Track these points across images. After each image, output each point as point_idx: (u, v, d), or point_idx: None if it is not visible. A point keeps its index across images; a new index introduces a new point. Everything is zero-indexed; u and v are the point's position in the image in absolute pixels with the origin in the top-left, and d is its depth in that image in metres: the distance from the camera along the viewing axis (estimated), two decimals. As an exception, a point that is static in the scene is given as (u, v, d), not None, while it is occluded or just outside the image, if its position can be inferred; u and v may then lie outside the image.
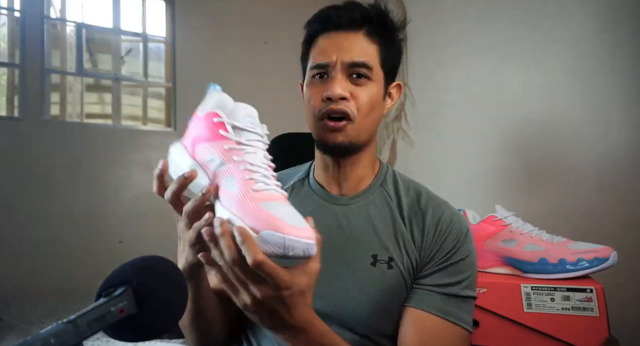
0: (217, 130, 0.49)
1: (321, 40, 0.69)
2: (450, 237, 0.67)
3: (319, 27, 0.69)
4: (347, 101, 0.65)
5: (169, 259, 0.41)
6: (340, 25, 0.67)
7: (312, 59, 0.69)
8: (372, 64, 0.67)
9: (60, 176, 2.63)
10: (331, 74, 0.66)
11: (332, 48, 0.67)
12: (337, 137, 0.66)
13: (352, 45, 0.67)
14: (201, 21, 3.05)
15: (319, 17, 0.70)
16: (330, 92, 0.64)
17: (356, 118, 0.66)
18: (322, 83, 0.67)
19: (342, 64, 0.66)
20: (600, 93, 1.30)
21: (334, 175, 0.73)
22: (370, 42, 0.68)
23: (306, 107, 0.70)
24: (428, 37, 2.16)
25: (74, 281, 2.53)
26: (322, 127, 0.67)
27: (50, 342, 0.29)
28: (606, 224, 1.24)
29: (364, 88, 0.67)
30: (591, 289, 0.75)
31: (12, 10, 2.71)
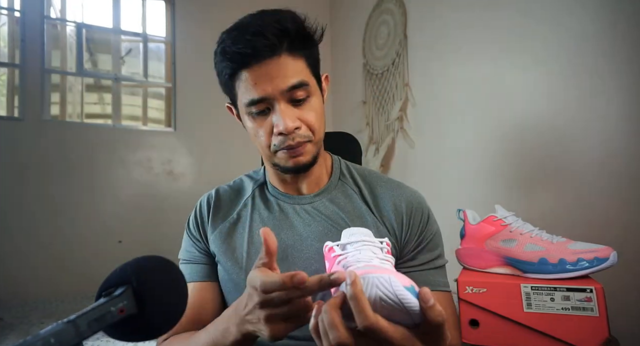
0: (330, 255, 0.55)
1: (246, 74, 0.63)
2: (417, 215, 0.72)
3: (237, 66, 0.63)
4: (299, 129, 0.64)
5: (169, 259, 0.41)
6: (260, 57, 0.61)
7: (244, 94, 0.64)
8: (307, 79, 0.65)
9: (60, 176, 2.63)
10: (274, 106, 0.63)
11: (263, 80, 0.62)
12: (299, 160, 0.67)
13: (282, 70, 0.62)
14: (201, 21, 3.05)
15: (232, 56, 0.63)
16: (283, 127, 0.62)
17: (313, 137, 0.67)
18: (266, 116, 0.65)
19: (281, 93, 0.62)
20: (600, 93, 1.30)
21: (291, 181, 0.74)
22: (296, 59, 0.64)
23: (255, 140, 0.68)
24: (428, 37, 2.16)
25: (74, 282, 2.53)
26: (282, 155, 0.66)
27: (50, 342, 0.29)
28: (606, 224, 1.24)
29: (308, 107, 0.65)
30: (591, 289, 0.75)
31: (12, 10, 2.71)
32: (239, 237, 0.73)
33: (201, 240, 0.75)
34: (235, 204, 0.77)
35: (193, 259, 0.75)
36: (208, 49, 3.03)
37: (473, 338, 0.80)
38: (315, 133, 0.67)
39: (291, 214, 0.73)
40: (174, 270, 0.40)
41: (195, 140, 3.01)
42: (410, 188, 0.77)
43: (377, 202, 0.73)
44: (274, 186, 0.76)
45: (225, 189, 0.80)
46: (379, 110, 2.55)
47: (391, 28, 2.47)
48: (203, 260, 0.74)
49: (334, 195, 0.74)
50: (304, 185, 0.74)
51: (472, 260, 0.87)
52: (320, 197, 0.74)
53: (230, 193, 0.79)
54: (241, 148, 2.71)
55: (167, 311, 0.38)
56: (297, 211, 0.73)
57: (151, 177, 2.87)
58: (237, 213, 0.75)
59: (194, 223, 0.77)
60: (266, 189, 0.77)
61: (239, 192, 0.79)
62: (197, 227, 0.76)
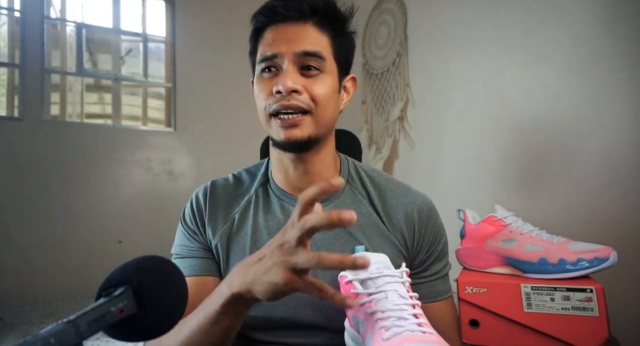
0: (349, 290, 0.49)
1: (268, 32, 0.64)
2: (429, 225, 0.70)
3: (266, 20, 0.64)
4: (299, 94, 0.61)
5: (169, 259, 0.41)
6: (288, 17, 0.63)
7: (261, 51, 0.64)
8: (325, 54, 0.63)
9: (60, 176, 2.63)
10: (281, 66, 0.62)
11: (281, 39, 0.62)
12: (294, 132, 0.61)
13: (302, 36, 0.63)
14: (201, 21, 3.05)
15: (264, 10, 0.65)
16: (281, 85, 0.60)
17: (314, 110, 0.62)
18: (272, 77, 0.63)
19: (293, 55, 0.61)
20: (600, 93, 1.30)
21: (295, 177, 0.69)
22: (320, 33, 0.64)
23: (257, 103, 0.66)
24: (429, 37, 2.16)
25: (74, 281, 2.53)
26: (275, 124, 0.62)
27: (50, 342, 0.29)
28: (606, 224, 1.24)
29: (316, 79, 0.63)
30: (591, 289, 0.75)
31: (12, 10, 2.71)
32: (240, 242, 0.69)
33: (199, 233, 0.71)
34: (236, 202, 0.72)
35: (190, 253, 0.70)
36: (208, 49, 3.02)
37: (473, 338, 0.80)
38: (318, 107, 0.62)
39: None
40: (174, 270, 0.40)
41: (195, 140, 3.01)
42: (420, 193, 0.73)
43: (387, 209, 0.70)
44: (278, 185, 0.72)
45: (223, 183, 0.75)
46: (379, 110, 2.55)
47: (391, 28, 2.47)
48: (201, 253, 0.70)
49: (342, 201, 0.70)
50: (309, 184, 0.69)
51: (472, 260, 0.87)
52: (327, 202, 0.70)
53: (229, 188, 0.74)
54: (241, 148, 2.71)
55: (167, 311, 0.38)
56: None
57: (151, 177, 2.87)
58: (239, 214, 0.71)
59: (190, 216, 0.72)
60: (270, 188, 0.72)
61: (238, 189, 0.74)
62: (194, 220, 0.71)
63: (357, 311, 0.48)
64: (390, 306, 0.46)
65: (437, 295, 0.69)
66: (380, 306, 0.46)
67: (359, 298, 0.48)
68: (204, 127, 3.02)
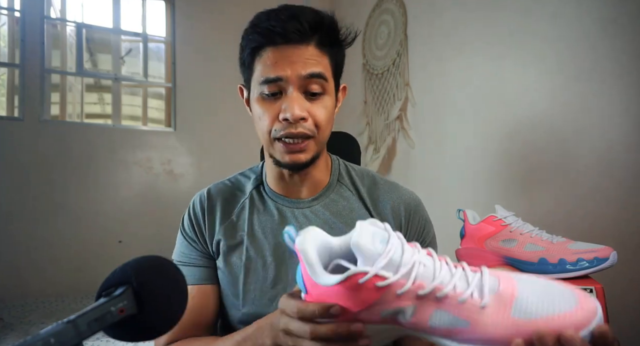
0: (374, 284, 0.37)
1: (269, 52, 0.62)
2: (415, 218, 0.72)
3: (264, 41, 0.62)
4: (305, 121, 0.62)
5: (169, 259, 0.41)
6: (289, 40, 0.61)
7: (261, 71, 0.63)
8: (327, 75, 0.64)
9: (60, 176, 2.63)
10: (286, 90, 0.62)
11: (284, 62, 0.61)
12: (299, 157, 0.64)
13: (306, 58, 0.62)
14: (201, 21, 3.05)
15: (262, 30, 0.62)
16: (289, 113, 0.60)
17: (316, 135, 0.64)
18: (275, 100, 0.63)
19: (298, 78, 0.61)
20: (600, 94, 1.30)
21: (290, 183, 0.72)
22: (321, 53, 0.64)
23: (257, 123, 0.66)
24: (429, 37, 2.16)
25: (74, 282, 2.53)
26: (280, 147, 0.64)
27: (50, 342, 0.29)
28: (606, 224, 1.24)
29: (319, 103, 0.64)
30: (591, 289, 0.75)
31: (12, 10, 2.71)
32: (237, 240, 0.71)
33: (198, 241, 0.72)
34: (232, 205, 0.74)
35: (189, 261, 0.72)
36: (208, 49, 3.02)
37: (473, 338, 0.80)
38: (320, 131, 0.65)
39: (290, 218, 0.71)
40: (174, 270, 0.40)
41: (195, 140, 3.01)
42: (407, 189, 0.76)
43: (375, 204, 0.73)
44: (271, 188, 0.74)
45: (219, 188, 0.76)
46: (379, 110, 2.55)
47: (391, 28, 2.47)
48: (200, 262, 0.71)
49: (332, 199, 0.73)
50: (303, 188, 0.72)
51: (472, 260, 0.87)
52: (318, 201, 0.72)
53: (225, 193, 0.76)
54: (241, 149, 2.72)
55: (167, 311, 0.38)
56: (296, 215, 0.71)
57: (151, 177, 2.87)
58: (236, 216, 0.73)
59: (189, 224, 0.74)
60: (263, 191, 0.75)
61: (234, 193, 0.76)
62: (192, 227, 0.73)
63: (396, 302, 0.37)
64: (438, 273, 0.38)
65: None
66: (429, 280, 0.37)
67: (394, 288, 0.37)
68: (204, 127, 3.02)
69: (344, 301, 0.39)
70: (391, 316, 0.38)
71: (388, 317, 0.39)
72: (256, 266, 0.69)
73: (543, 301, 0.36)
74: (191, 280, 0.69)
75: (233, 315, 0.69)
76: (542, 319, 0.35)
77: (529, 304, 0.36)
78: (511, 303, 0.36)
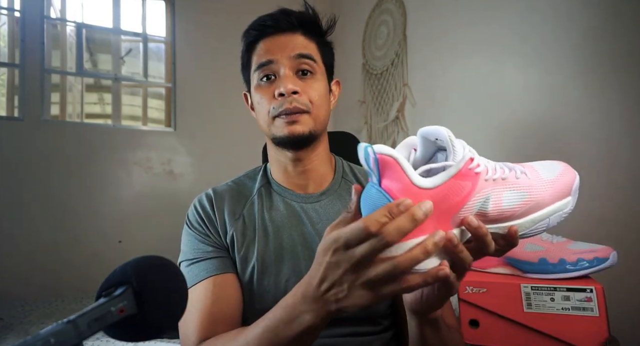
0: (475, 171, 0.40)
1: (261, 44, 0.71)
2: None
3: (257, 34, 0.72)
4: (299, 96, 0.68)
5: (169, 259, 0.41)
6: (279, 28, 0.71)
7: (256, 62, 0.71)
8: (315, 57, 0.71)
9: (60, 176, 2.63)
10: (279, 72, 0.69)
11: (275, 47, 0.70)
12: (296, 128, 0.68)
13: (294, 42, 0.70)
14: (201, 21, 3.05)
15: (255, 25, 0.72)
16: (283, 87, 0.67)
17: (311, 109, 0.69)
18: (271, 84, 0.70)
19: (288, 59, 0.69)
20: (600, 93, 1.30)
21: (294, 175, 0.75)
22: (309, 40, 0.72)
23: (257, 109, 0.72)
24: (428, 37, 2.16)
25: (74, 282, 2.53)
26: (280, 122, 0.69)
27: (50, 342, 0.29)
28: (606, 224, 1.24)
29: (311, 82, 0.70)
30: (591, 289, 0.75)
31: (12, 10, 2.71)
32: (249, 236, 0.71)
33: (210, 234, 0.72)
34: (240, 202, 0.75)
35: (204, 255, 0.70)
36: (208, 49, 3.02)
37: (473, 338, 0.80)
38: (314, 106, 0.69)
39: (299, 212, 0.73)
40: (174, 270, 0.40)
41: (195, 140, 3.01)
42: None
43: None
44: (279, 183, 0.76)
45: (224, 188, 0.78)
46: (378, 110, 2.55)
47: (390, 28, 2.47)
48: (216, 253, 0.70)
49: (339, 194, 0.75)
50: (310, 183, 0.75)
51: (472, 260, 0.87)
52: (326, 195, 0.75)
53: (232, 191, 0.77)
54: (241, 149, 2.71)
55: (167, 311, 0.38)
56: (305, 209, 0.73)
57: (151, 177, 2.87)
58: (245, 213, 0.74)
59: (198, 221, 0.73)
60: (271, 187, 0.77)
61: (241, 191, 0.77)
62: (203, 222, 0.72)
63: (485, 188, 0.41)
64: (488, 161, 0.44)
65: None
66: (492, 166, 0.44)
67: (484, 173, 0.41)
68: (204, 127, 3.02)
69: (441, 207, 0.38)
70: (479, 210, 0.41)
71: (476, 212, 0.41)
72: (269, 262, 0.70)
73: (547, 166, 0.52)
74: (212, 271, 0.67)
75: (246, 311, 0.69)
76: (559, 175, 0.49)
77: (545, 168, 0.50)
78: (537, 172, 0.48)
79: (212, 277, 0.67)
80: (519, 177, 0.44)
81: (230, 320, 0.65)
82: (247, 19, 0.74)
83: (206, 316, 0.63)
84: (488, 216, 0.42)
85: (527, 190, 0.44)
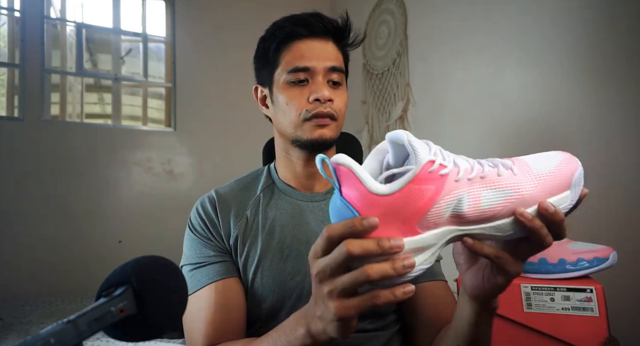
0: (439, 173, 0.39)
1: (297, 45, 0.71)
2: None
3: (292, 32, 0.71)
4: (332, 103, 0.70)
5: (169, 259, 0.41)
6: (314, 32, 0.71)
7: (289, 62, 0.71)
8: (343, 69, 0.74)
9: (60, 176, 2.63)
10: (314, 78, 0.70)
11: (311, 54, 0.70)
12: (325, 132, 0.70)
13: (328, 52, 0.72)
14: (201, 21, 3.05)
15: (293, 21, 0.72)
16: (321, 94, 0.68)
17: (337, 118, 0.71)
18: (303, 87, 0.70)
19: (324, 70, 0.70)
20: (600, 94, 1.30)
21: (304, 175, 0.75)
22: (337, 50, 0.74)
23: (285, 109, 0.71)
24: (429, 38, 2.16)
25: (74, 281, 2.53)
26: (309, 126, 0.70)
27: (50, 342, 0.29)
28: (606, 224, 1.24)
29: (340, 92, 0.73)
30: (591, 289, 0.75)
31: (12, 10, 2.71)
32: (253, 235, 0.71)
33: (213, 238, 0.72)
34: (245, 203, 0.75)
35: (207, 260, 0.70)
36: (208, 49, 3.02)
37: (473, 338, 0.80)
38: (340, 115, 0.72)
39: (306, 211, 0.74)
40: (174, 270, 0.40)
41: (195, 140, 3.01)
42: None
43: None
44: (285, 182, 0.77)
45: (227, 189, 0.77)
46: (379, 110, 2.55)
47: (391, 28, 2.47)
48: (219, 258, 0.70)
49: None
50: (316, 183, 0.76)
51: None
52: (332, 193, 0.73)
53: (235, 192, 0.77)
54: (241, 148, 2.71)
55: (168, 311, 0.38)
56: (312, 208, 0.74)
57: (151, 177, 2.87)
58: (250, 213, 0.74)
59: (200, 224, 0.73)
60: (276, 187, 0.77)
61: (245, 191, 0.77)
62: (205, 226, 0.73)
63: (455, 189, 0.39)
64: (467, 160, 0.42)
65: (436, 275, 0.72)
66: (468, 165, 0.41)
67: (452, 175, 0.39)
68: (204, 127, 3.02)
69: (404, 212, 0.38)
70: (452, 212, 0.40)
71: (449, 214, 0.39)
72: (274, 261, 0.70)
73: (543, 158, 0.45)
74: (214, 277, 0.68)
75: (253, 311, 0.69)
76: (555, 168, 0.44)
77: (539, 161, 0.44)
78: (529, 166, 0.43)
79: (215, 283, 0.67)
80: (501, 174, 0.41)
81: (235, 325, 0.66)
82: (247, 19, 0.73)
83: (211, 322, 0.64)
84: (465, 217, 0.40)
85: (511, 187, 0.41)
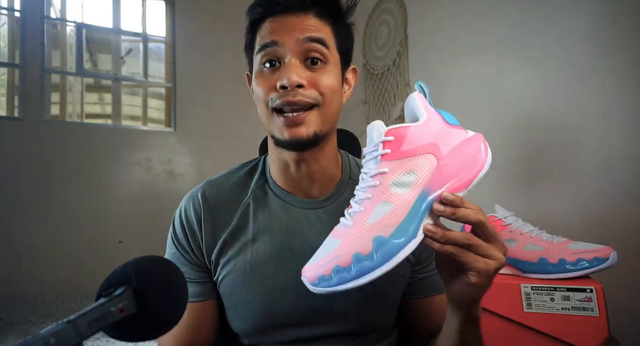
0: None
1: (267, 23, 0.60)
2: None
3: (263, 11, 0.60)
4: (305, 89, 0.56)
5: (169, 259, 0.41)
6: (289, 7, 0.59)
7: (259, 42, 0.60)
8: (328, 42, 0.59)
9: (61, 176, 2.63)
10: (284, 59, 0.58)
11: (281, 28, 0.58)
12: (298, 130, 0.57)
13: (304, 24, 0.58)
14: (201, 21, 3.05)
15: (262, 2, 0.60)
16: (285, 79, 0.55)
17: (321, 103, 0.58)
18: (273, 71, 0.58)
19: (296, 43, 0.57)
20: (600, 93, 1.30)
21: (298, 177, 0.64)
22: (322, 22, 0.60)
23: (256, 100, 0.61)
24: (428, 37, 2.16)
25: (74, 281, 2.53)
26: (278, 122, 0.58)
27: (50, 342, 0.29)
28: (606, 224, 1.24)
29: (321, 72, 0.58)
30: (591, 289, 0.75)
31: (12, 10, 2.71)
32: (241, 246, 0.64)
33: (191, 252, 0.65)
34: (233, 207, 0.66)
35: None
36: (208, 49, 3.01)
37: (473, 338, 0.80)
38: (325, 99, 0.58)
39: (301, 220, 0.64)
40: (174, 270, 0.40)
41: (195, 140, 3.01)
42: None
43: None
44: (279, 185, 0.66)
45: (216, 188, 0.68)
46: (380, 110, 2.55)
47: (391, 28, 2.47)
48: (194, 276, 0.64)
49: (345, 198, 0.65)
50: (314, 186, 0.65)
51: (472, 260, 0.87)
52: (331, 200, 0.65)
53: (224, 193, 0.68)
54: (241, 148, 2.71)
55: (168, 311, 0.38)
56: (308, 216, 0.64)
57: (151, 177, 2.87)
58: (238, 219, 0.65)
59: (181, 232, 0.66)
60: (269, 188, 0.66)
61: (234, 192, 0.68)
62: (185, 235, 0.65)
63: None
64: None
65: (440, 288, 0.66)
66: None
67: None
68: (204, 127, 3.02)
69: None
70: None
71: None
72: (265, 269, 0.62)
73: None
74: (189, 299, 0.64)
75: (246, 322, 0.63)
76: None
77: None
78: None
79: (190, 304, 0.62)
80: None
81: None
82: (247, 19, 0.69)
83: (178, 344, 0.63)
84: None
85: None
